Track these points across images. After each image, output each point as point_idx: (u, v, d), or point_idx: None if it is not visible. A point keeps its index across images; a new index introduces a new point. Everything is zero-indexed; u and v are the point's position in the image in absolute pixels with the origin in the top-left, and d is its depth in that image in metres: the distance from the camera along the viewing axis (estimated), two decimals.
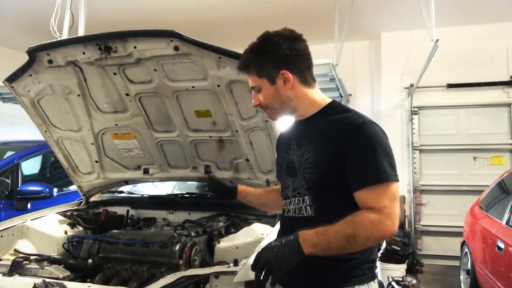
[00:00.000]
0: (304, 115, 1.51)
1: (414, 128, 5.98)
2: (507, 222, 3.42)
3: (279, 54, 1.44)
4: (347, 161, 1.33)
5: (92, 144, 2.62)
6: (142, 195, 3.07)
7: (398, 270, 4.32)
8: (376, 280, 1.45)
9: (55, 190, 3.83)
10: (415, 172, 5.92)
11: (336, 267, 1.35)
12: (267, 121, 2.19)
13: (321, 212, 1.39)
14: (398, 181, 1.32)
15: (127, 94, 2.33)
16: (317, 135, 1.42)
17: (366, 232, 1.25)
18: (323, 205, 1.39)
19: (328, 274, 1.37)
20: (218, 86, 2.13)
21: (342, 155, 1.33)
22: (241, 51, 1.99)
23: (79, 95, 2.38)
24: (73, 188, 4.08)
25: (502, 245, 3.25)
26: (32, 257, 2.07)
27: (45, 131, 2.58)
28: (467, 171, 5.81)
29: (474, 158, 5.80)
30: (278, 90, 1.46)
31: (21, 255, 2.12)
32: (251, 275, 1.58)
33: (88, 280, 2.06)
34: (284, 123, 1.77)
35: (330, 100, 1.53)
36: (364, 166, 1.31)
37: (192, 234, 2.37)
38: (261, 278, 1.25)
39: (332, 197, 1.39)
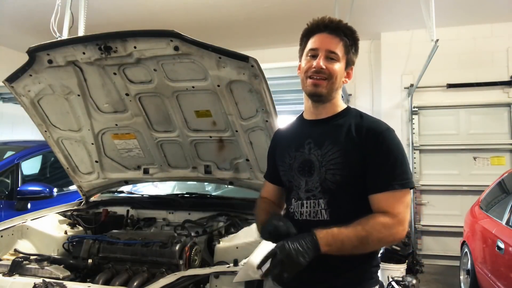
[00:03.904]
0: (322, 114, 1.51)
1: (414, 128, 5.98)
2: (507, 222, 3.41)
3: (357, 53, 1.53)
4: (370, 164, 1.37)
5: (92, 144, 2.62)
6: (142, 195, 3.07)
7: (398, 270, 4.32)
8: (378, 285, 1.48)
9: (55, 190, 3.82)
10: (415, 172, 5.92)
11: (347, 270, 1.36)
12: (267, 121, 2.19)
13: (336, 215, 1.40)
14: (414, 187, 1.40)
15: (127, 94, 2.33)
16: (341, 136, 1.42)
17: (378, 235, 1.30)
18: (339, 209, 1.40)
19: (338, 278, 1.38)
20: (218, 86, 2.13)
21: (366, 158, 1.37)
22: (241, 51, 2.00)
23: (79, 95, 2.38)
24: (73, 188, 4.08)
25: (502, 245, 3.25)
26: (32, 257, 2.07)
27: (45, 131, 2.58)
28: (467, 171, 5.81)
29: (474, 158, 5.80)
30: (343, 76, 1.49)
31: (21, 255, 2.13)
32: (253, 274, 1.58)
33: (88, 280, 2.06)
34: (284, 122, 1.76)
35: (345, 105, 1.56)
36: (387, 171, 1.36)
37: (192, 234, 2.37)
38: (276, 272, 1.23)
39: (349, 201, 1.41)
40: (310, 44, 1.48)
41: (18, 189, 3.78)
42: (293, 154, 1.51)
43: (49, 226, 2.51)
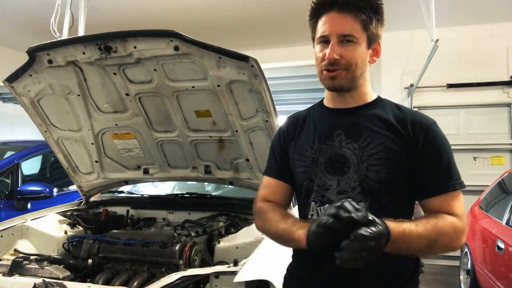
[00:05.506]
0: (350, 103, 1.28)
1: None
2: (507, 222, 3.41)
3: (383, 22, 1.26)
4: (422, 163, 1.18)
5: (92, 144, 2.62)
6: (142, 195, 3.08)
7: None
8: None
9: (55, 190, 3.82)
10: None
11: (407, 281, 1.22)
12: (267, 121, 2.19)
13: None
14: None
15: (127, 94, 2.33)
16: (381, 128, 1.21)
17: (446, 239, 1.12)
18: (382, 215, 1.08)
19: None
20: (218, 86, 2.13)
21: (415, 155, 1.19)
22: (241, 51, 2.00)
23: (79, 95, 2.38)
24: (73, 188, 4.09)
25: (502, 245, 3.25)
26: (32, 257, 2.07)
27: (45, 131, 2.58)
28: (467, 171, 5.78)
29: (474, 158, 5.79)
30: (367, 57, 1.26)
31: (21, 255, 2.13)
32: (252, 276, 1.58)
33: (88, 280, 2.06)
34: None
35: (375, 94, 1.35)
36: (443, 171, 1.18)
37: (192, 234, 2.37)
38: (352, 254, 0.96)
39: (393, 204, 1.19)
40: (320, 28, 1.22)
41: (18, 189, 3.78)
42: (316, 147, 1.27)
43: (49, 226, 2.51)
